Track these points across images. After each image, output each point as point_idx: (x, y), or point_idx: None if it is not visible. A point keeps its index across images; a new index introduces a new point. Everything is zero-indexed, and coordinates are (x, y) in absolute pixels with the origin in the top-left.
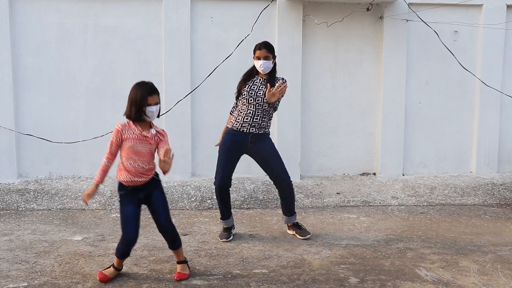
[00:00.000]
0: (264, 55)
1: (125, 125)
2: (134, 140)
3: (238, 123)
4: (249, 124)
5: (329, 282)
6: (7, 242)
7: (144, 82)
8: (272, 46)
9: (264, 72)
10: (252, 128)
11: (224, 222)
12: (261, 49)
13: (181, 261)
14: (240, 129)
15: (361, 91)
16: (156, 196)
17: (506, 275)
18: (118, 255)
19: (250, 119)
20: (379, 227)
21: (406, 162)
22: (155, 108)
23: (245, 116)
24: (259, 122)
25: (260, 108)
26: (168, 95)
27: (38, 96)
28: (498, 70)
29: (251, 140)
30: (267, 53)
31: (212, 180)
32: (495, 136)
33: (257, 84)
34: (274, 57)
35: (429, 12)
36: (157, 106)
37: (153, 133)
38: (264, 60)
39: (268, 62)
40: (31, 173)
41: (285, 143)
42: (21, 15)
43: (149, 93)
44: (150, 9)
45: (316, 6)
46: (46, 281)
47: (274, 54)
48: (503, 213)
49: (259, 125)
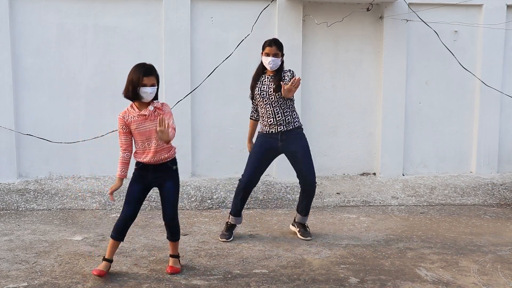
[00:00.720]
0: (274, 52)
1: (125, 112)
2: (136, 122)
3: (266, 126)
4: (275, 124)
5: (329, 282)
6: (7, 242)
7: (143, 64)
8: (281, 44)
9: (272, 69)
10: (280, 126)
11: (235, 218)
12: (271, 46)
13: (175, 255)
14: (269, 131)
15: (361, 91)
16: (168, 186)
17: (506, 275)
18: (113, 232)
19: (273, 119)
20: (379, 227)
21: (406, 162)
22: (150, 89)
23: (267, 118)
24: (283, 119)
25: (277, 105)
26: (168, 95)
27: (38, 96)
28: (498, 70)
29: (281, 138)
30: (276, 50)
31: (212, 180)
32: (495, 136)
33: (266, 83)
34: (283, 54)
35: (429, 12)
36: (153, 87)
37: (151, 110)
38: (273, 57)
39: (277, 60)
40: (31, 173)
41: None
42: (21, 15)
43: (145, 73)
44: (150, 9)
45: (316, 6)
46: (46, 281)
47: (283, 51)
48: (503, 213)
49: (284, 121)
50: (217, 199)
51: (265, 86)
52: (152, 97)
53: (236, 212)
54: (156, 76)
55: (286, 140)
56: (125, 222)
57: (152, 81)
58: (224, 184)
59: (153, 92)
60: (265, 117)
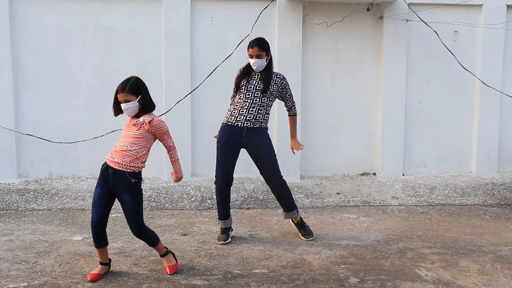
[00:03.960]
0: (256, 53)
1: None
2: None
3: (233, 117)
4: (244, 117)
5: (329, 282)
6: (7, 242)
7: (124, 80)
8: (265, 43)
9: (258, 70)
10: (247, 122)
11: (223, 222)
12: (253, 47)
13: (164, 254)
14: (235, 124)
15: (361, 91)
16: (126, 201)
17: (506, 275)
18: (93, 242)
19: (245, 111)
20: (379, 227)
21: (406, 162)
22: (123, 106)
23: (240, 109)
24: (254, 115)
25: (257, 104)
26: (168, 95)
27: (38, 96)
28: (498, 70)
29: (246, 135)
30: (259, 51)
31: (212, 180)
32: (495, 136)
33: (255, 78)
34: (268, 53)
35: (429, 12)
36: (128, 103)
37: (141, 121)
38: (256, 59)
39: (260, 61)
40: (31, 173)
41: (285, 143)
42: (21, 15)
43: (117, 90)
44: (150, 9)
45: (316, 6)
46: (46, 281)
47: (268, 51)
48: (503, 213)
49: (254, 117)
50: None
51: (254, 81)
52: (130, 112)
53: (222, 215)
54: (133, 90)
55: (250, 138)
56: (95, 229)
57: (124, 97)
58: None
59: (127, 109)
60: (237, 108)
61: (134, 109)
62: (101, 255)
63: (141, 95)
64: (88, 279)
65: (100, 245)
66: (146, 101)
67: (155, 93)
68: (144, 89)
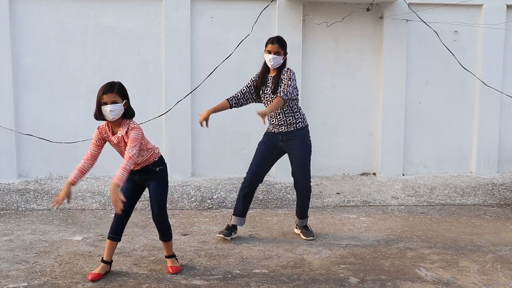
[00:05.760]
0: (276, 50)
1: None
2: (110, 142)
3: (270, 125)
4: (277, 124)
5: (329, 282)
6: (7, 242)
7: (108, 82)
8: (285, 42)
9: (273, 67)
10: (281, 127)
11: (236, 218)
12: (273, 44)
13: (170, 256)
14: (272, 131)
15: (361, 91)
16: (153, 186)
17: (506, 275)
18: (109, 233)
19: (275, 119)
20: (379, 227)
21: (406, 162)
22: (109, 107)
23: (270, 118)
24: (284, 119)
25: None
26: (168, 95)
27: (38, 96)
28: (498, 70)
29: (282, 139)
30: (279, 48)
31: (212, 180)
32: (495, 136)
33: (269, 85)
34: (285, 53)
35: (429, 12)
36: (113, 105)
37: (120, 136)
38: (274, 55)
39: (278, 58)
40: (31, 173)
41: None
42: (21, 15)
43: (104, 91)
44: (150, 9)
45: (316, 6)
46: (46, 281)
47: (286, 50)
48: (503, 213)
49: (286, 122)
50: (217, 199)
51: (268, 89)
52: (115, 115)
53: (239, 212)
54: (121, 93)
55: (286, 141)
56: (117, 219)
57: (113, 98)
58: (224, 184)
59: (114, 110)
60: (269, 118)
61: (119, 113)
62: (108, 251)
63: (126, 100)
64: (89, 279)
65: (115, 238)
66: (129, 106)
67: (155, 93)
68: (127, 95)
